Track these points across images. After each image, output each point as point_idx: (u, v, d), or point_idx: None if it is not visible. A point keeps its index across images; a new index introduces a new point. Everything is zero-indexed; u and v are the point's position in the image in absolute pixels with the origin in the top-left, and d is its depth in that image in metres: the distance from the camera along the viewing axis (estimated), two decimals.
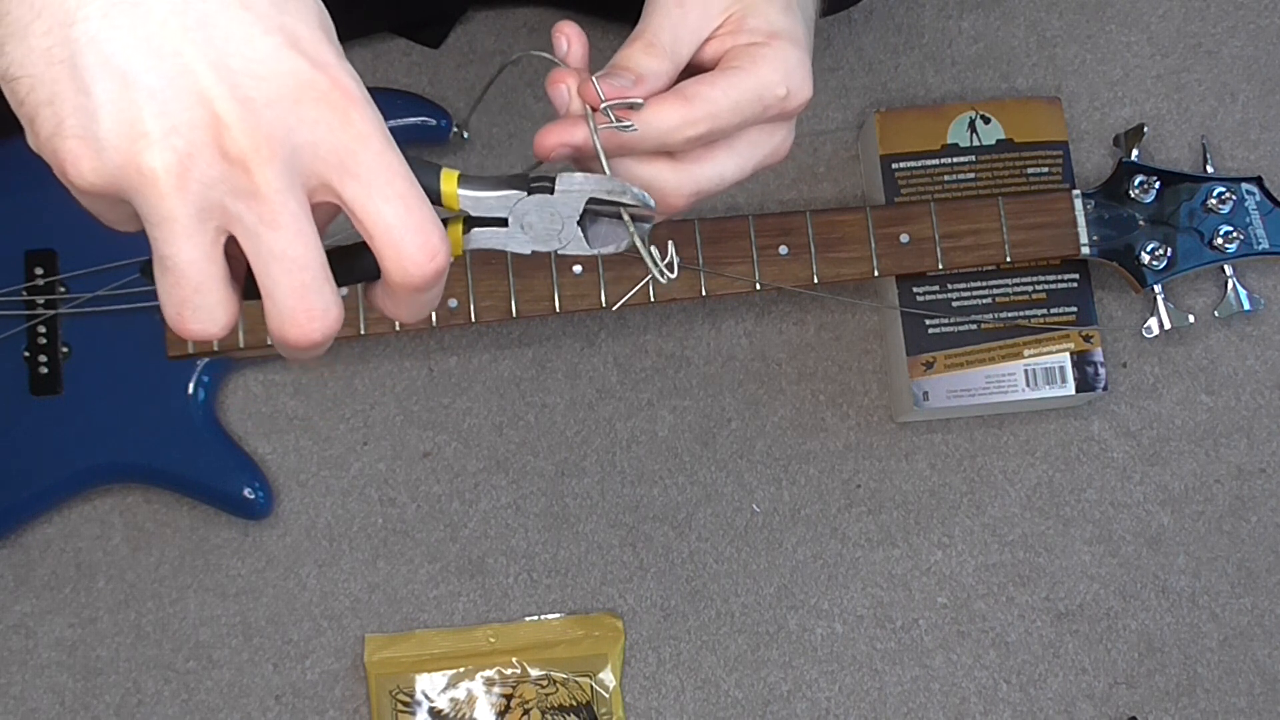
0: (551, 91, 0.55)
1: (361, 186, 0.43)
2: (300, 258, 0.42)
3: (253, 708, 0.90)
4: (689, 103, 0.55)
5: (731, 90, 0.56)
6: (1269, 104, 1.00)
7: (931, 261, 0.88)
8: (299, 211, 0.42)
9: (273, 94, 0.41)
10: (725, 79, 0.56)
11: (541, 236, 0.50)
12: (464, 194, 0.48)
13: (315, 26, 0.43)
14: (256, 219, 0.42)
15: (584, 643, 0.91)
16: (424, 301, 0.46)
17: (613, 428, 0.95)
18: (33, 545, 0.91)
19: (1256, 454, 0.96)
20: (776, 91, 0.56)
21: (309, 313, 0.43)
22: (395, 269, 0.44)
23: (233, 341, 0.85)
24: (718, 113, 0.55)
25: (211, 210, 0.41)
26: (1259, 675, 0.94)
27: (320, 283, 0.43)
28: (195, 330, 0.43)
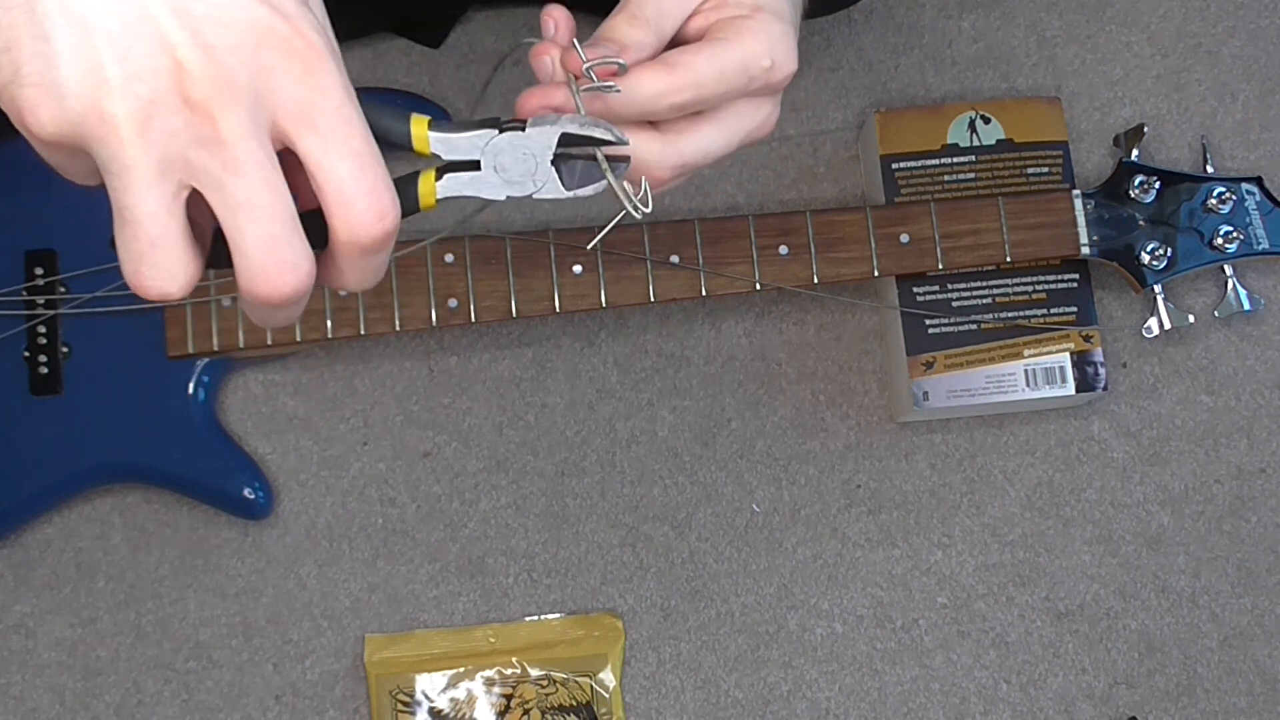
0: (535, 63, 0.56)
1: (319, 140, 0.42)
2: (268, 206, 0.41)
3: (253, 708, 0.90)
4: (673, 70, 0.55)
5: (716, 59, 0.56)
6: (1269, 104, 1.00)
7: (931, 261, 0.88)
8: (264, 158, 0.41)
9: (235, 41, 0.40)
10: (710, 48, 0.56)
11: (515, 179, 0.49)
12: (434, 136, 0.47)
13: None
14: (221, 167, 0.41)
15: (584, 643, 0.91)
16: (371, 267, 0.45)
17: (613, 428, 0.95)
18: (33, 545, 0.92)
19: (1256, 454, 0.96)
20: (761, 63, 0.56)
21: (279, 265, 0.42)
22: (343, 228, 0.43)
23: (233, 341, 0.85)
24: (702, 81, 0.55)
25: (173, 162, 0.41)
26: (1259, 675, 0.94)
27: (290, 234, 0.42)
28: (153, 288, 0.42)
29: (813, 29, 1.00)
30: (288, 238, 0.42)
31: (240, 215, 0.41)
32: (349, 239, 0.43)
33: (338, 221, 0.43)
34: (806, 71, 0.99)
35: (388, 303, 0.86)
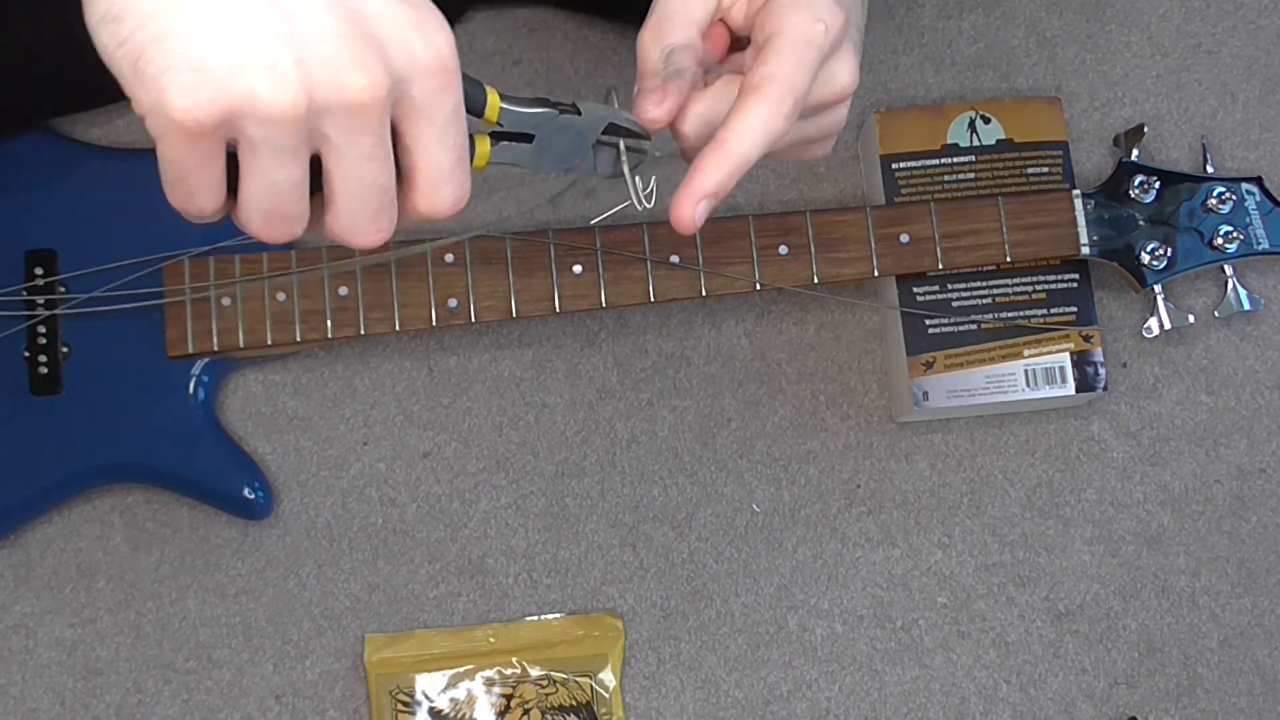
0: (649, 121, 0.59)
1: (433, 133, 0.46)
2: (386, 184, 0.46)
3: (253, 708, 0.90)
4: (761, 90, 0.56)
5: (784, 57, 0.56)
6: (1269, 104, 1.00)
7: (931, 261, 0.88)
8: (388, 145, 0.46)
9: (385, 34, 0.44)
10: (773, 54, 0.57)
11: (560, 154, 0.56)
12: (505, 109, 0.53)
13: None
14: (357, 152, 0.45)
15: (584, 643, 0.91)
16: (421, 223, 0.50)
17: (613, 428, 0.95)
18: (33, 545, 0.92)
19: (1256, 454, 0.96)
20: (816, 29, 0.57)
21: (378, 229, 0.48)
22: (425, 204, 0.48)
23: (233, 341, 0.85)
24: (791, 85, 0.56)
25: (314, 134, 0.44)
26: (1259, 675, 0.94)
27: (392, 202, 0.47)
28: (285, 236, 0.47)
29: None
30: (390, 206, 0.47)
31: (361, 189, 0.46)
32: (427, 211, 0.48)
33: (421, 199, 0.48)
34: None
35: (388, 303, 0.86)
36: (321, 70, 0.43)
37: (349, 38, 0.43)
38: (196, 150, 0.44)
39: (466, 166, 0.49)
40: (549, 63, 0.98)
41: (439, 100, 0.46)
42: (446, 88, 0.45)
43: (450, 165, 0.47)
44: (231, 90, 0.42)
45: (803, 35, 0.57)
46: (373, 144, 0.45)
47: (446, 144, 0.47)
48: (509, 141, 0.54)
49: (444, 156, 0.47)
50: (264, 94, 0.42)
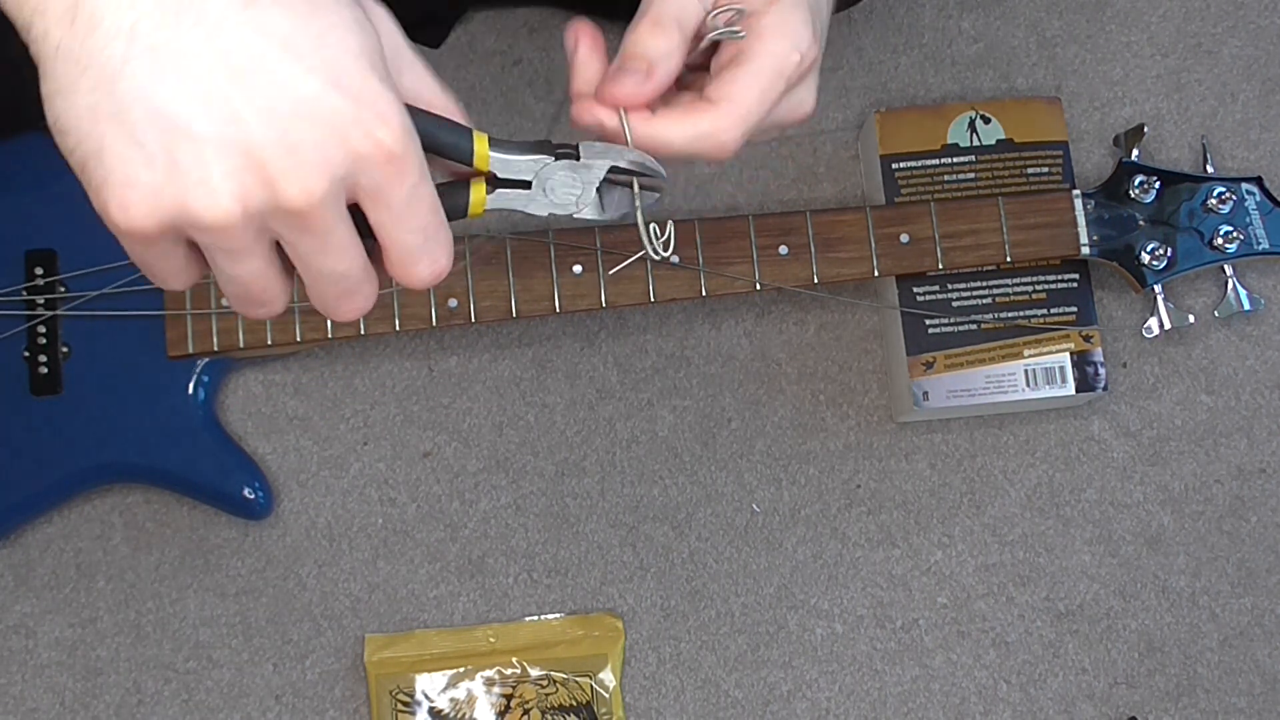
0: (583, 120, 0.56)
1: (390, 216, 0.45)
2: (346, 271, 0.46)
3: (253, 708, 0.90)
4: (717, 108, 0.56)
5: (752, 82, 0.56)
6: (1269, 104, 1.00)
7: (931, 261, 0.88)
8: (345, 234, 0.45)
9: (319, 136, 0.43)
10: (743, 73, 0.56)
11: (561, 200, 0.53)
12: (495, 156, 0.50)
13: (356, 55, 0.44)
14: (308, 249, 0.45)
15: (584, 643, 0.91)
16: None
17: (613, 428, 0.95)
18: (33, 545, 0.92)
19: (1256, 454, 0.96)
20: (791, 59, 0.57)
21: (353, 307, 0.48)
22: (402, 278, 0.48)
23: (233, 341, 0.85)
24: (749, 109, 0.56)
25: (265, 231, 0.44)
26: (1259, 675, 0.94)
27: (360, 282, 0.47)
28: (264, 314, 0.48)
29: None
30: (359, 287, 0.47)
31: (322, 281, 0.46)
32: (407, 284, 0.48)
33: (397, 274, 0.48)
34: None
35: (388, 303, 0.86)
36: (254, 180, 0.42)
37: (282, 145, 0.42)
38: (152, 250, 0.45)
39: (439, 238, 0.47)
40: (549, 63, 0.98)
41: (390, 186, 0.45)
42: (396, 174, 0.44)
43: (418, 243, 0.47)
44: (166, 204, 0.42)
45: (777, 65, 0.57)
46: (321, 241, 0.45)
47: (409, 225, 0.46)
48: (505, 189, 0.52)
49: (408, 236, 0.46)
50: (198, 207, 0.42)
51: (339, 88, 0.43)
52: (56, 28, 0.42)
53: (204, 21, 0.41)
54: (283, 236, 0.45)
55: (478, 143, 0.50)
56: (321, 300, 0.47)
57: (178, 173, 0.42)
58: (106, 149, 0.42)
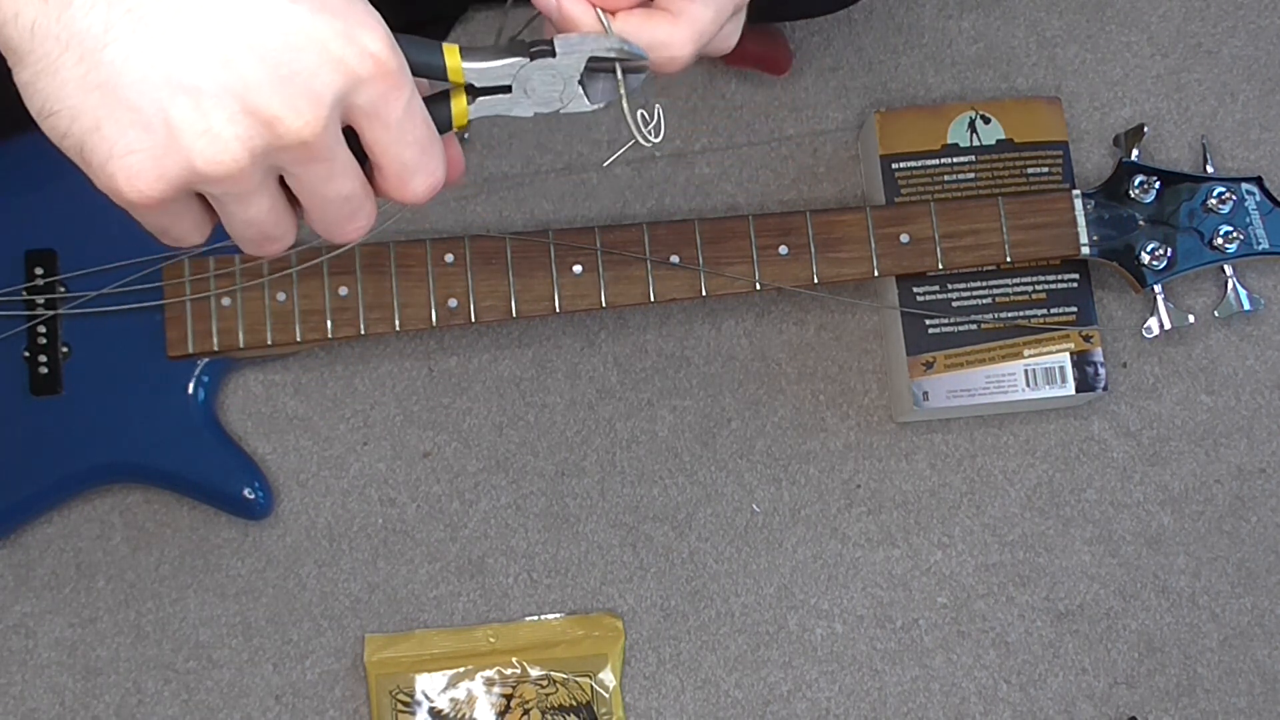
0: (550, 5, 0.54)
1: (388, 133, 0.46)
2: (351, 193, 0.47)
3: (253, 708, 0.90)
4: (677, 22, 0.54)
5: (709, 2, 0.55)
6: (1269, 104, 1.00)
7: (931, 261, 0.88)
8: (346, 157, 0.46)
9: (313, 63, 0.43)
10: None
11: (544, 99, 0.52)
12: (468, 67, 0.50)
13: None
14: (314, 177, 0.45)
15: (584, 643, 0.91)
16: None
17: (613, 428, 0.95)
18: (33, 545, 0.92)
19: (1256, 454, 0.96)
20: None
21: (355, 227, 0.48)
22: (398, 195, 0.48)
23: (233, 341, 0.85)
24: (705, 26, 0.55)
25: (271, 170, 0.45)
26: (1259, 675, 0.94)
27: (363, 203, 0.48)
28: (276, 250, 0.49)
29: (812, 29, 1.00)
30: (363, 204, 0.48)
31: (328, 205, 0.47)
32: (403, 200, 0.48)
33: (393, 190, 0.48)
34: (806, 71, 0.99)
35: (388, 303, 0.86)
36: (255, 121, 0.42)
37: (278, 80, 0.42)
38: (165, 213, 0.45)
39: (434, 151, 0.48)
40: None
41: (386, 103, 0.45)
42: (391, 89, 0.45)
43: (414, 157, 0.47)
44: (173, 165, 0.42)
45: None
46: (327, 168, 0.45)
47: (405, 140, 0.46)
48: (486, 95, 0.51)
49: (405, 151, 0.47)
50: (204, 160, 0.42)
51: (325, 9, 0.43)
52: (29, 7, 0.41)
53: None
54: (288, 170, 0.45)
55: (449, 55, 0.49)
56: (325, 225, 0.48)
57: (179, 130, 0.42)
58: (103, 121, 0.42)
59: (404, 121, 0.46)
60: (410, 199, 0.48)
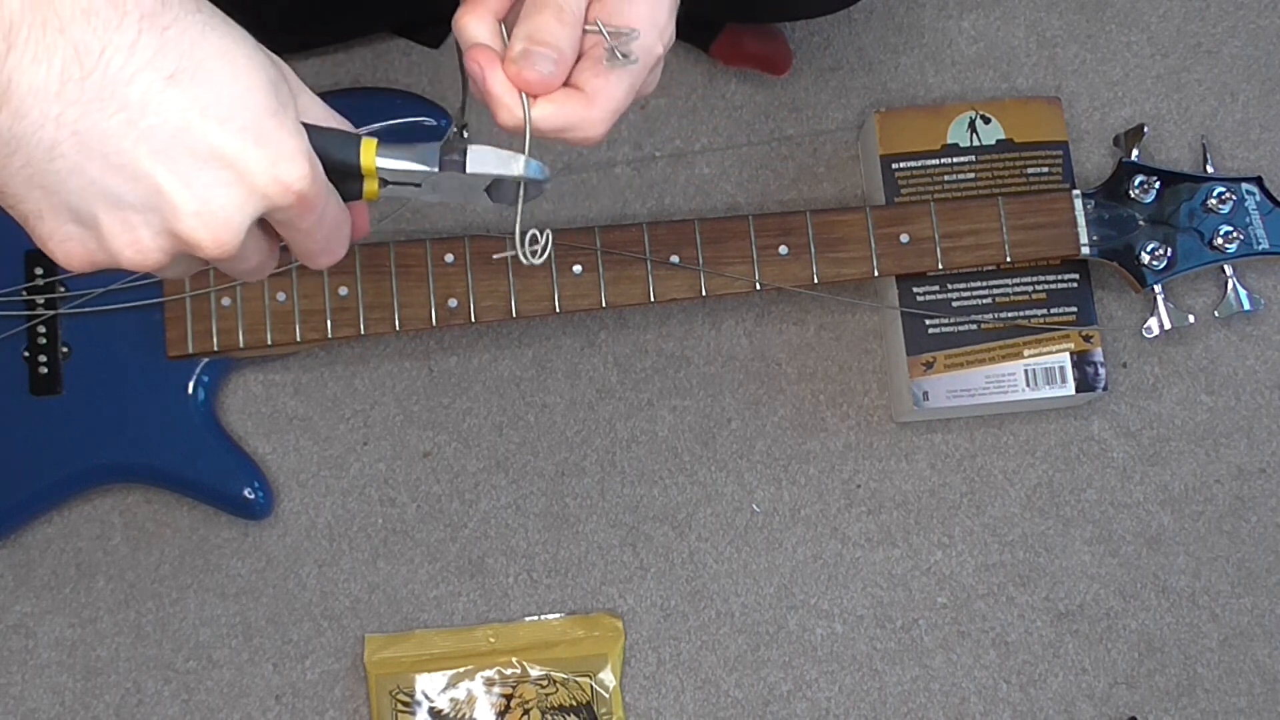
0: (469, 67, 0.57)
1: (295, 234, 0.51)
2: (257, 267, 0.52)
3: (253, 708, 0.90)
4: (593, 101, 0.56)
5: (624, 76, 0.56)
6: (1269, 104, 1.00)
7: (931, 261, 0.88)
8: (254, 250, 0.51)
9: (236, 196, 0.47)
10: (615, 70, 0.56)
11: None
12: (382, 165, 0.53)
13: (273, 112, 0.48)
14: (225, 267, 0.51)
15: (584, 643, 0.91)
16: None
17: (613, 428, 0.95)
18: (33, 545, 0.92)
19: (1256, 454, 0.96)
20: (656, 51, 0.58)
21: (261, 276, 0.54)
22: (308, 265, 0.54)
23: (233, 341, 0.85)
24: (619, 101, 0.57)
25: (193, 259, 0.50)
26: (1259, 675, 0.94)
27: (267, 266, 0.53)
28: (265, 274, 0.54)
29: (812, 29, 1.00)
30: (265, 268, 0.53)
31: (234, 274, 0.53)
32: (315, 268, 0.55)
33: (305, 263, 0.54)
34: (806, 71, 0.99)
35: (388, 303, 0.86)
36: (175, 239, 0.47)
37: (201, 211, 0.46)
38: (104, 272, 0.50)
39: (338, 238, 0.53)
40: None
41: (298, 219, 0.49)
42: (304, 212, 0.49)
43: (320, 248, 0.52)
44: (103, 258, 0.48)
45: (646, 60, 0.57)
46: (234, 264, 0.50)
47: (312, 238, 0.51)
48: (396, 185, 0.55)
49: (312, 245, 0.52)
50: (129, 261, 0.47)
51: (259, 143, 0.47)
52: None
53: (127, 106, 0.44)
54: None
55: (364, 153, 0.53)
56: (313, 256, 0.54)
57: (108, 237, 0.47)
58: (45, 212, 0.46)
59: (312, 229, 0.51)
60: (316, 268, 0.55)
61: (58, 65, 0.43)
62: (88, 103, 0.44)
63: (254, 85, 0.47)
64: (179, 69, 0.45)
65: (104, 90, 0.44)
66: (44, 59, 0.43)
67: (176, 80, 0.45)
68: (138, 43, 0.44)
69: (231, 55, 0.46)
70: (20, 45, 0.43)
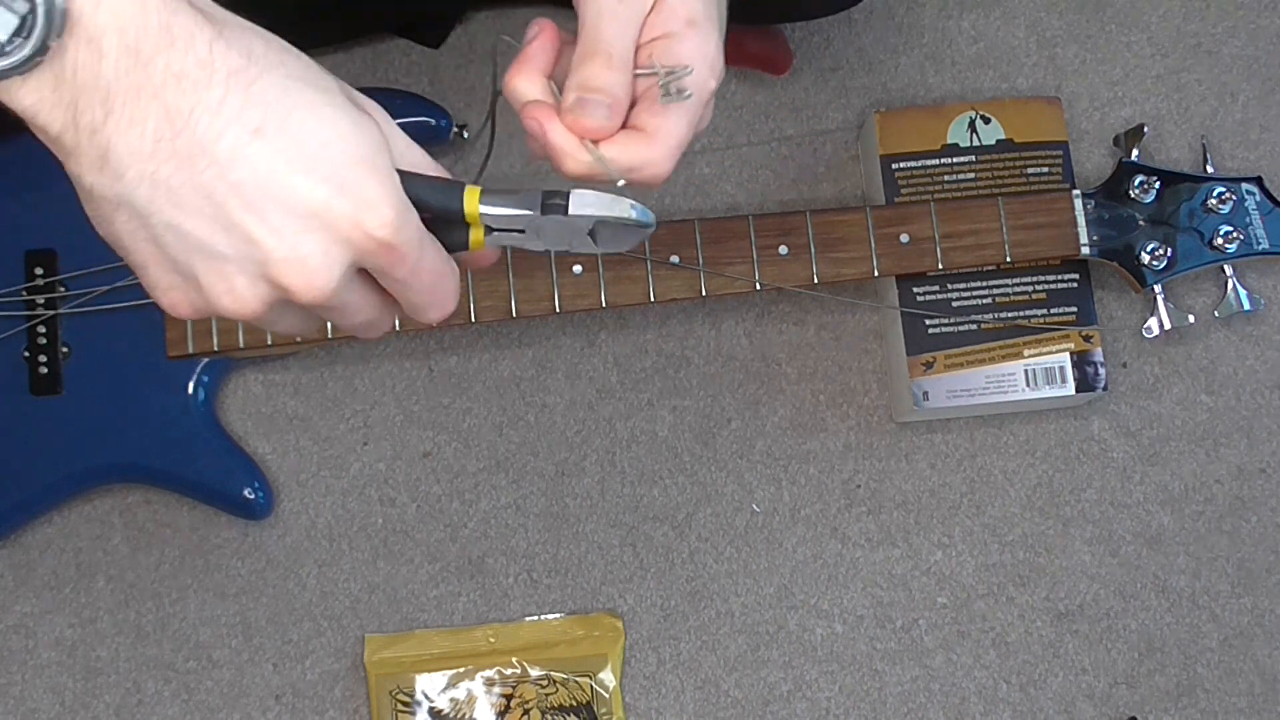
0: (527, 125, 0.58)
1: (397, 286, 0.52)
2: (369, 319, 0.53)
3: (253, 708, 0.90)
4: (652, 140, 0.58)
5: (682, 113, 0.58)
6: (1269, 104, 1.00)
7: (931, 261, 0.88)
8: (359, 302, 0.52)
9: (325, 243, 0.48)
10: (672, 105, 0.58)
11: (555, 242, 0.55)
12: (485, 211, 0.53)
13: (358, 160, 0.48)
14: (330, 317, 0.52)
15: (584, 643, 0.91)
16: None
17: (613, 428, 0.95)
18: (33, 545, 0.92)
19: (1256, 454, 0.96)
20: (709, 85, 0.59)
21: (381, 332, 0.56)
22: (419, 320, 0.54)
23: (233, 341, 0.85)
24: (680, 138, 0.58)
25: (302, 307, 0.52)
26: (1259, 675, 0.94)
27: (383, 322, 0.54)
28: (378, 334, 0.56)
29: (812, 29, 1.00)
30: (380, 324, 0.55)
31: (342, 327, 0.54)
32: (424, 325, 0.56)
33: (413, 317, 0.54)
34: (806, 71, 0.99)
35: None
36: (272, 286, 0.49)
37: (292, 258, 0.48)
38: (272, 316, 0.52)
39: (443, 288, 0.53)
40: None
41: (392, 269, 0.50)
42: (396, 260, 0.50)
43: (423, 299, 0.53)
44: (204, 307, 0.50)
45: (700, 95, 0.58)
46: (340, 313, 0.51)
47: (412, 289, 0.52)
48: (502, 233, 0.55)
49: (413, 296, 0.52)
50: (228, 310, 0.49)
51: (343, 193, 0.47)
52: (89, 174, 0.46)
53: (217, 162, 0.46)
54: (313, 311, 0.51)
55: (468, 200, 0.53)
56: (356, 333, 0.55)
57: (207, 289, 0.49)
58: (149, 267, 0.49)
59: (411, 279, 0.51)
60: (427, 324, 0.55)
61: (150, 128, 0.45)
62: (180, 160, 0.46)
63: (340, 135, 0.48)
64: (264, 123, 0.46)
65: (195, 147, 0.46)
66: (139, 123, 0.45)
67: (262, 134, 0.46)
68: (225, 100, 0.46)
69: (315, 106, 0.47)
70: (117, 111, 0.45)
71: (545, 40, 0.60)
